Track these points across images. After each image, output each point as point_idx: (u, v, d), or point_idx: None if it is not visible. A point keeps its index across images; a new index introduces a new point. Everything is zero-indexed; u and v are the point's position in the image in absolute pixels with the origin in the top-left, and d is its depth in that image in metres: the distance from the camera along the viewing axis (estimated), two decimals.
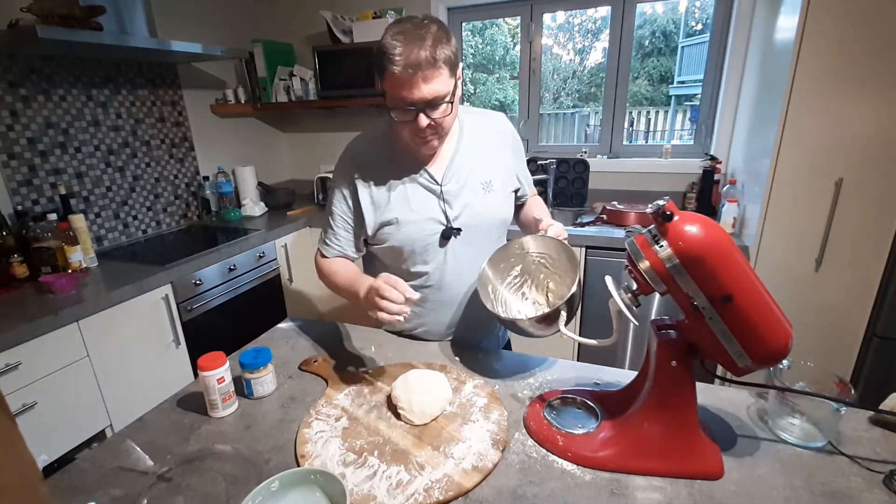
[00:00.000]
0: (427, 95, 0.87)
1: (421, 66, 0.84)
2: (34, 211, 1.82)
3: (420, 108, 0.89)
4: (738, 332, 0.66)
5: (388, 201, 1.05)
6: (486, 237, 1.09)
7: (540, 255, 1.05)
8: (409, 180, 1.05)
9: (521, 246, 1.05)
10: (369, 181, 1.06)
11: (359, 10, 2.60)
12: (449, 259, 1.07)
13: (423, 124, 0.91)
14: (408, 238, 1.05)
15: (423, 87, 0.86)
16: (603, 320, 1.77)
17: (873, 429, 0.80)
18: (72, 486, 0.75)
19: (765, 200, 1.69)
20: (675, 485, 0.71)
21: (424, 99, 0.88)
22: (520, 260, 1.07)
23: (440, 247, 1.07)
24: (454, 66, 0.90)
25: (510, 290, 1.08)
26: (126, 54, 2.02)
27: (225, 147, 2.73)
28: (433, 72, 0.86)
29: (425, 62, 0.84)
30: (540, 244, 1.03)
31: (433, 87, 0.87)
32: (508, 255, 1.06)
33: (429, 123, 0.91)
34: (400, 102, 0.89)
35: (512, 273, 1.08)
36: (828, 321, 1.71)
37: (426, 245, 1.06)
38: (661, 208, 0.65)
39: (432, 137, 0.96)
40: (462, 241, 1.07)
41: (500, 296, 1.07)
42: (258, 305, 2.27)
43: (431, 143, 0.97)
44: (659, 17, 4.10)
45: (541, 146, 2.76)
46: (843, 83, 1.51)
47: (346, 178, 1.07)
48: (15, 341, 1.34)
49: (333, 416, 0.87)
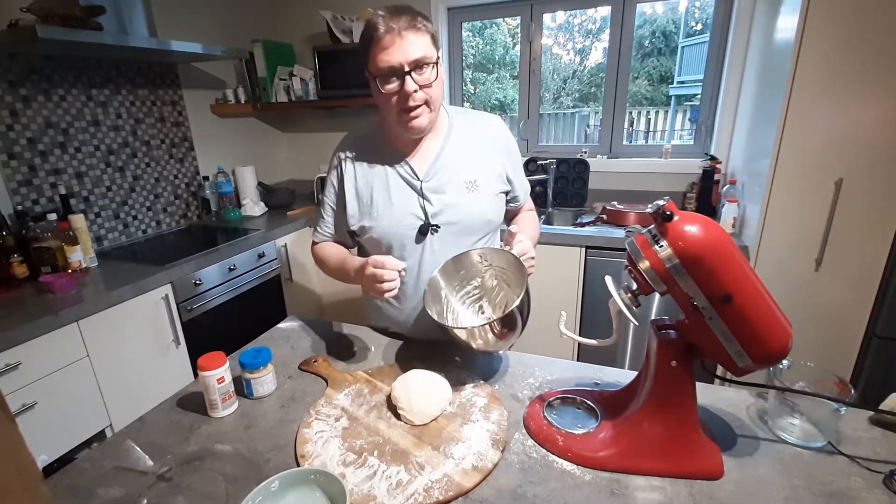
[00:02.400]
0: (412, 55, 0.91)
1: (405, 28, 0.90)
2: (34, 211, 1.82)
3: (406, 71, 0.92)
4: (738, 332, 0.66)
5: (371, 193, 1.08)
6: (467, 237, 1.09)
7: (500, 270, 1.02)
8: (392, 173, 1.07)
9: (483, 256, 1.03)
10: (356, 172, 1.09)
11: (359, 10, 2.60)
12: (426, 256, 1.08)
13: (410, 88, 0.93)
14: (386, 231, 1.07)
15: (407, 47, 0.91)
16: (603, 320, 1.77)
17: (873, 429, 0.80)
18: (72, 486, 0.75)
19: (765, 200, 1.69)
20: (675, 485, 0.71)
21: (409, 59, 0.91)
22: (479, 273, 1.04)
23: (417, 243, 1.07)
24: (435, 40, 0.96)
25: (465, 301, 1.06)
26: (126, 54, 2.02)
27: (225, 147, 2.73)
28: (416, 33, 0.91)
29: (407, 24, 0.91)
30: (502, 259, 1.00)
31: (417, 47, 0.92)
32: (466, 265, 1.04)
33: (415, 90, 0.94)
34: (387, 69, 0.92)
35: (471, 284, 1.05)
36: (828, 321, 1.71)
37: (403, 240, 1.07)
38: (661, 208, 0.65)
39: (421, 110, 0.97)
40: (441, 239, 1.07)
41: (451, 307, 1.04)
42: (258, 305, 2.27)
43: (420, 117, 0.98)
44: (659, 18, 4.10)
45: (541, 146, 2.76)
46: (843, 83, 1.51)
47: (336, 169, 1.12)
48: (15, 341, 1.34)
49: (333, 416, 0.87)
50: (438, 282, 1.02)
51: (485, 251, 1.03)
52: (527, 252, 0.96)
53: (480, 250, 1.03)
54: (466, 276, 1.05)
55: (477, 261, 1.04)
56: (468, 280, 1.05)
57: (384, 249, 1.09)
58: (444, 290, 1.03)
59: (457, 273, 1.04)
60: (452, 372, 0.99)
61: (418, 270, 1.09)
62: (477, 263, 1.04)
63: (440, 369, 0.96)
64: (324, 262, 1.16)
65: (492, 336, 0.88)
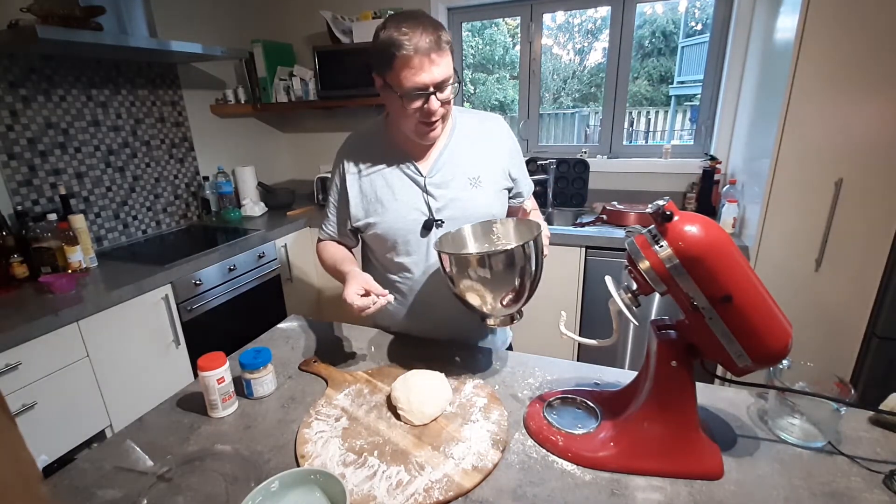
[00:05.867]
0: (438, 77, 0.92)
1: (431, 49, 0.90)
2: (34, 211, 1.82)
3: (432, 91, 0.94)
4: (738, 333, 0.66)
5: (375, 190, 1.09)
6: None
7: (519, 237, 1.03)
8: (396, 171, 1.08)
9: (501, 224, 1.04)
10: (360, 171, 1.11)
11: (359, 10, 2.60)
12: (431, 251, 1.08)
13: (435, 106, 0.95)
14: (391, 227, 1.08)
15: (435, 68, 0.92)
16: (603, 320, 1.78)
17: (873, 429, 0.80)
18: (72, 486, 0.75)
19: (765, 200, 1.69)
20: (675, 485, 0.71)
21: (435, 80, 0.93)
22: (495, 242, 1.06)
23: (422, 237, 1.08)
24: (453, 51, 0.97)
25: None
26: (126, 54, 2.02)
27: (225, 147, 2.73)
28: (441, 53, 0.92)
29: (434, 44, 0.90)
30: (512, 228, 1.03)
31: (443, 68, 0.93)
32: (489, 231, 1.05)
33: (438, 107, 0.96)
34: (414, 88, 0.93)
35: None
36: (828, 321, 1.71)
37: (408, 236, 1.08)
38: (661, 208, 0.65)
39: (439, 122, 1.00)
40: None
41: None
42: (258, 305, 2.27)
43: (436, 128, 1.01)
44: (659, 18, 4.09)
45: (541, 146, 2.76)
46: (843, 83, 1.51)
47: (340, 167, 1.13)
48: (15, 341, 1.34)
49: (333, 417, 0.87)
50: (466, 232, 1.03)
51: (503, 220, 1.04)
52: None
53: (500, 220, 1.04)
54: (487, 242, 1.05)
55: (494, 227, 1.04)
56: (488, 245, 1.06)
57: (389, 245, 1.10)
58: (468, 238, 1.04)
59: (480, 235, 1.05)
60: (452, 372, 0.99)
61: (424, 267, 1.10)
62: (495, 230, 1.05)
63: (440, 369, 0.96)
64: (324, 260, 1.19)
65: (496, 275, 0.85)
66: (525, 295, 0.90)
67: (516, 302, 0.90)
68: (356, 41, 2.52)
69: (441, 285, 1.09)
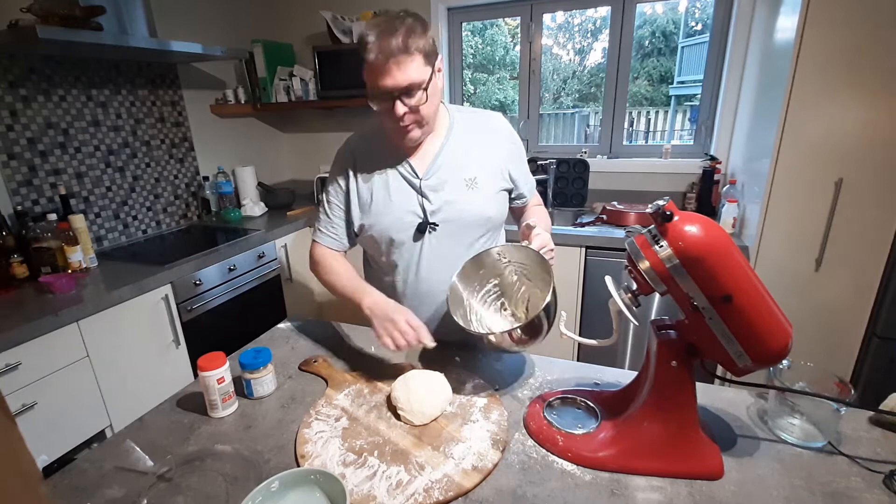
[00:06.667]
0: (401, 82, 0.90)
1: (393, 53, 0.88)
2: (34, 211, 1.82)
3: (395, 96, 0.92)
4: (738, 333, 0.66)
5: (371, 192, 1.09)
6: (467, 234, 1.09)
7: (521, 266, 1.01)
8: (392, 172, 1.08)
9: (502, 254, 1.02)
10: (359, 172, 1.10)
11: (359, 10, 2.60)
12: (425, 253, 1.08)
13: (399, 112, 0.94)
14: (385, 229, 1.08)
15: (397, 73, 0.90)
16: (603, 320, 1.77)
17: (873, 429, 0.80)
18: (72, 486, 0.75)
19: (765, 200, 1.69)
20: (675, 485, 0.71)
21: (398, 86, 0.91)
22: (498, 271, 1.03)
23: (414, 241, 1.08)
24: (430, 56, 0.93)
25: (485, 302, 1.04)
26: (126, 54, 2.02)
27: (225, 147, 2.72)
28: (406, 58, 0.89)
29: (397, 49, 0.88)
30: (522, 254, 0.99)
31: (407, 74, 0.90)
32: (485, 264, 1.02)
33: (405, 111, 0.94)
34: (376, 90, 0.93)
35: (489, 283, 1.04)
36: (828, 321, 1.71)
37: (401, 238, 1.08)
38: (661, 208, 0.65)
39: (412, 127, 0.98)
40: (440, 238, 1.07)
41: (474, 309, 1.02)
42: (258, 305, 2.27)
43: (412, 132, 0.99)
44: (659, 18, 4.09)
45: (541, 146, 2.76)
46: (842, 83, 1.51)
47: (340, 168, 1.13)
48: (15, 341, 1.34)
49: (333, 417, 0.87)
50: (457, 286, 1.00)
51: (503, 248, 1.02)
52: (546, 245, 0.96)
53: (499, 248, 1.02)
54: (485, 276, 1.03)
55: (496, 258, 1.02)
56: (487, 279, 1.04)
57: (382, 247, 1.10)
58: (464, 294, 1.01)
59: (476, 273, 1.02)
60: (452, 372, 0.99)
61: (416, 269, 1.10)
62: (496, 261, 1.03)
63: (440, 369, 0.96)
64: (324, 270, 1.14)
65: (523, 336, 0.86)
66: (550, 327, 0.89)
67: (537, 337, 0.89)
68: (356, 41, 2.52)
69: (433, 286, 1.10)
